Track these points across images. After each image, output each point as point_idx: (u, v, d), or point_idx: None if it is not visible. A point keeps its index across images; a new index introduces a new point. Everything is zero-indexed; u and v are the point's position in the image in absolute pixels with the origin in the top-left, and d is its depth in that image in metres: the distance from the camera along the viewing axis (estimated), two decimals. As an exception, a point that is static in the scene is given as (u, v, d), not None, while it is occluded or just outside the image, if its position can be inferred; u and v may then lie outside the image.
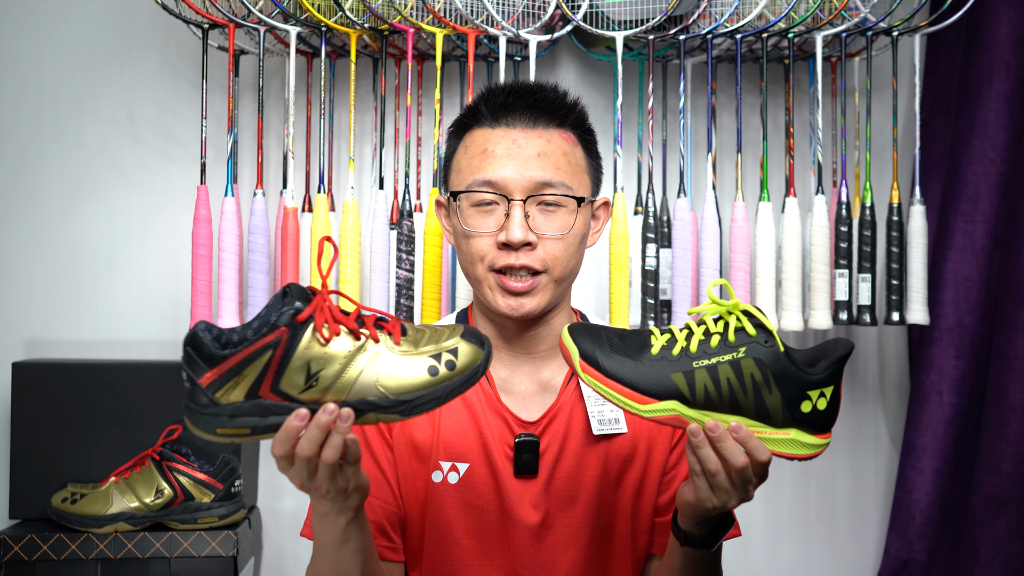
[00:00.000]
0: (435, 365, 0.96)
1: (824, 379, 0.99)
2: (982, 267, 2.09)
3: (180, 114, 2.13)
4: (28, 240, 2.11)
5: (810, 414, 0.99)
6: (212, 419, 0.93)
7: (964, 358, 2.11)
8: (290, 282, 0.96)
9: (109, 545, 1.72)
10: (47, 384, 1.84)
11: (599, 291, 2.17)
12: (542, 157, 1.21)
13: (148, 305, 2.12)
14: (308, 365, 0.93)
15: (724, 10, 1.90)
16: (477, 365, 0.97)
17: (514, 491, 1.23)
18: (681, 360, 0.99)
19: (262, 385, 0.92)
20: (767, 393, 0.98)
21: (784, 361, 0.98)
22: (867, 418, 2.27)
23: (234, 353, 0.92)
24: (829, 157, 2.12)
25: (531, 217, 1.20)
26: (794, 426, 1.00)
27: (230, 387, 0.92)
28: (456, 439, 1.24)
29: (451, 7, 1.88)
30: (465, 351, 0.97)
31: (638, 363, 1.00)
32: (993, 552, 2.02)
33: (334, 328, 0.94)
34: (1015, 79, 2.05)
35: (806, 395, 0.99)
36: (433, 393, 0.96)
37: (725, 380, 0.98)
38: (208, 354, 0.92)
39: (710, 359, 0.99)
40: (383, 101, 1.94)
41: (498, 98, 1.24)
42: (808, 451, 1.00)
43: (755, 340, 0.98)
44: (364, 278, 1.94)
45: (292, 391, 0.93)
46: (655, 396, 0.99)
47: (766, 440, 0.99)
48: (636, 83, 2.15)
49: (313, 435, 0.92)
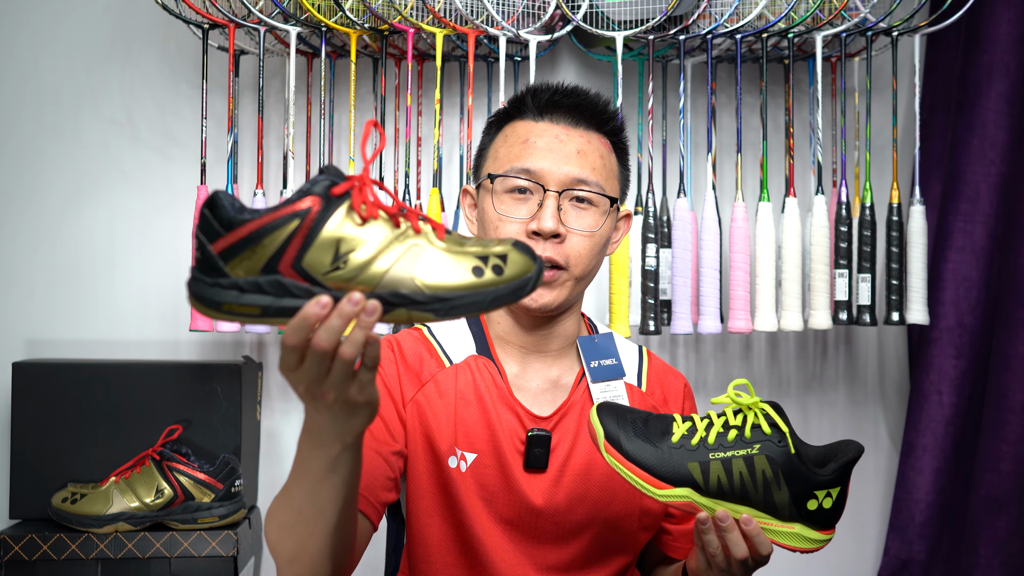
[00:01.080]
0: (480, 266, 0.84)
1: (832, 480, 1.05)
2: (982, 267, 2.10)
3: (180, 114, 2.13)
4: (28, 240, 2.11)
5: (816, 512, 1.05)
6: (220, 292, 0.81)
7: (964, 358, 2.11)
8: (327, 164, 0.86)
9: (109, 545, 1.72)
10: (47, 384, 1.84)
11: (599, 291, 2.17)
12: (581, 155, 1.24)
13: (148, 305, 2.12)
14: (338, 244, 0.81)
15: (724, 10, 1.90)
16: (527, 277, 0.86)
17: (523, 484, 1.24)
18: (699, 450, 1.05)
19: (282, 259, 0.81)
20: (776, 489, 1.04)
21: (795, 462, 1.04)
22: (867, 418, 2.27)
23: (256, 217, 0.80)
24: (829, 157, 2.12)
25: (563, 211, 1.23)
26: (799, 521, 1.06)
27: (245, 256, 0.81)
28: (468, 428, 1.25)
29: (451, 7, 1.88)
30: (515, 259, 0.86)
31: (658, 449, 1.06)
32: (993, 552, 2.02)
33: (372, 210, 0.83)
34: (1015, 79, 2.05)
35: (813, 494, 1.05)
36: (476, 296, 0.84)
37: (738, 474, 1.04)
38: (227, 218, 0.80)
39: (725, 452, 1.05)
40: (383, 101, 1.94)
41: (544, 94, 1.27)
42: (810, 546, 1.07)
43: (769, 439, 1.05)
44: (364, 278, 1.94)
45: (316, 271, 0.81)
46: (671, 483, 1.05)
47: (771, 532, 1.06)
48: (636, 83, 2.15)
49: (334, 325, 0.81)
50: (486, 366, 1.27)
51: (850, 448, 1.06)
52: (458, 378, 1.27)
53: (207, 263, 0.81)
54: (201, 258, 0.81)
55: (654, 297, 1.92)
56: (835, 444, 1.09)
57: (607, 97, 1.30)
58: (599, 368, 1.29)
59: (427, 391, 1.26)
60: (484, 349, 1.29)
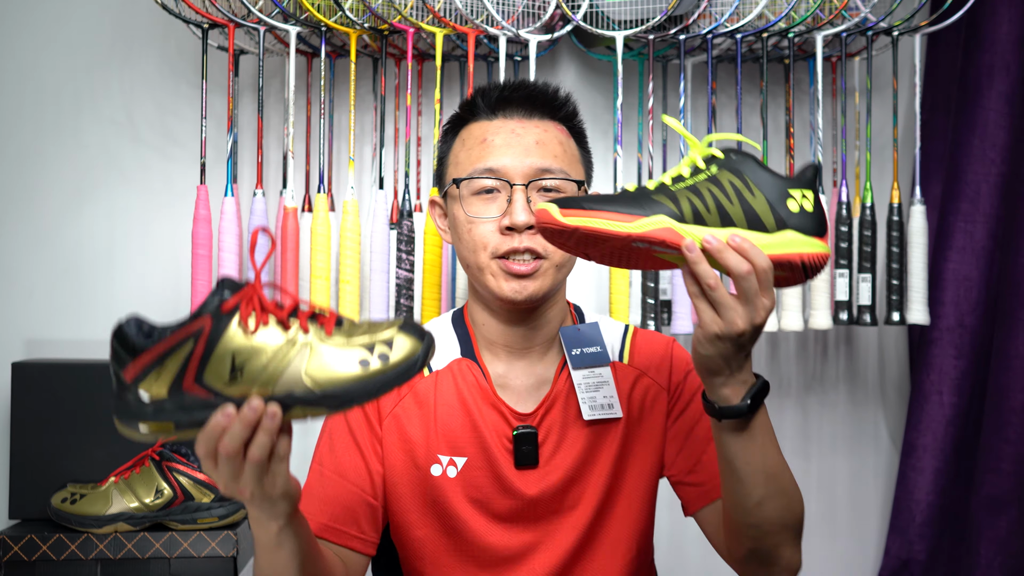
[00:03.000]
0: (367, 358, 0.89)
1: (799, 182, 1.01)
2: (982, 267, 2.09)
3: (180, 114, 2.13)
4: (28, 240, 2.11)
5: (799, 214, 1.00)
6: (136, 414, 0.88)
7: (964, 358, 2.11)
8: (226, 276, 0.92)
9: (109, 545, 1.72)
10: (47, 384, 1.84)
11: (599, 291, 2.17)
12: (540, 145, 1.25)
13: (148, 305, 2.12)
14: (233, 356, 0.88)
15: (724, 10, 1.90)
16: (414, 359, 0.90)
17: (516, 482, 1.25)
18: (661, 190, 1.00)
19: (185, 377, 0.88)
20: (750, 196, 0.99)
21: (757, 165, 1.00)
22: (867, 418, 2.27)
23: (155, 343, 0.87)
24: (829, 157, 2.12)
25: (532, 202, 1.23)
26: (787, 227, 1.00)
27: (152, 379, 0.87)
28: (452, 433, 1.26)
29: (451, 7, 1.88)
30: (402, 343, 0.90)
31: (618, 198, 1.00)
32: (993, 552, 2.01)
33: (261, 318, 0.89)
34: (1015, 79, 2.05)
35: (788, 193, 1.00)
36: (364, 387, 0.89)
37: (707, 191, 0.99)
38: (131, 345, 0.88)
39: (688, 182, 1.00)
40: (383, 101, 1.93)
41: (494, 93, 1.28)
42: (809, 249, 1.00)
43: (724, 159, 1.01)
44: (364, 278, 1.94)
45: (217, 384, 0.88)
46: (642, 213, 0.98)
47: (764, 247, 0.98)
48: (636, 83, 2.15)
49: (236, 431, 0.87)
50: (470, 368, 1.28)
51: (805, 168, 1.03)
52: (439, 385, 1.27)
53: (122, 388, 0.88)
54: (117, 384, 0.89)
55: (654, 297, 1.92)
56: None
57: (556, 85, 1.31)
58: (581, 355, 1.28)
59: (405, 403, 1.27)
60: (469, 351, 1.29)
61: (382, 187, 1.92)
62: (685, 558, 2.15)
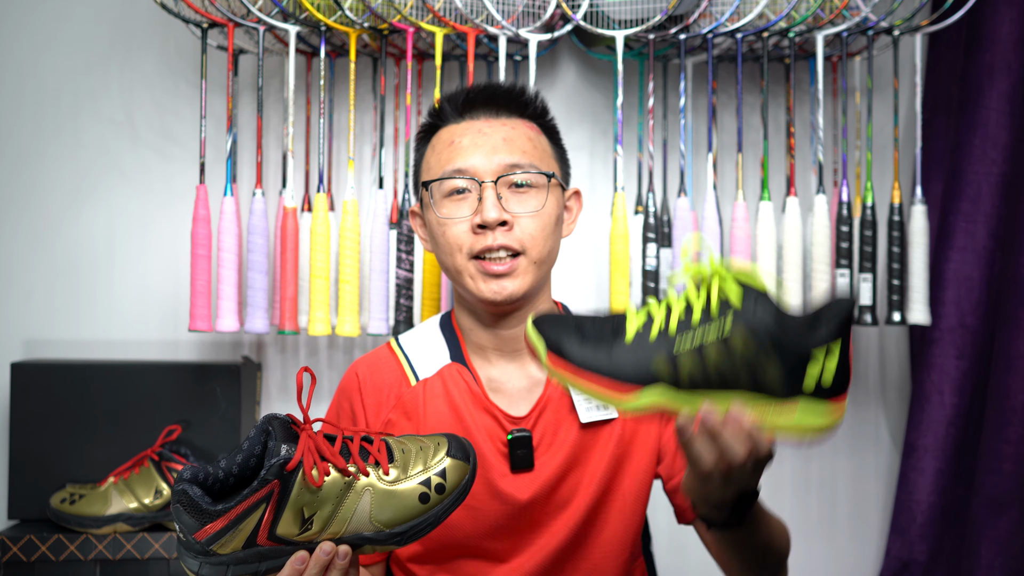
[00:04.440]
0: (426, 492, 0.97)
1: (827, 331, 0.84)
2: (983, 267, 2.09)
3: (179, 114, 2.13)
4: (28, 240, 2.11)
5: (820, 378, 0.84)
6: (212, 568, 0.93)
7: (965, 358, 2.10)
8: (269, 414, 0.97)
9: (108, 546, 1.72)
10: (46, 384, 1.84)
11: (599, 291, 2.17)
12: (508, 142, 1.25)
13: (147, 305, 2.12)
14: (302, 511, 0.93)
15: (725, 9, 1.90)
16: (465, 482, 0.98)
17: (511, 486, 1.24)
18: (659, 343, 0.86)
19: (259, 534, 0.93)
20: (764, 363, 0.84)
21: (780, 325, 0.83)
22: (868, 418, 2.26)
23: (228, 510, 0.92)
24: (830, 156, 2.11)
25: (504, 199, 1.23)
26: (801, 395, 0.84)
27: (227, 539, 0.92)
28: None
29: (451, 6, 1.88)
30: (453, 468, 0.98)
31: (612, 351, 0.87)
32: (994, 553, 2.01)
33: (323, 468, 0.94)
34: (1016, 79, 2.05)
35: (810, 355, 0.83)
36: (427, 519, 0.97)
37: (714, 356, 0.84)
38: (200, 510, 0.92)
39: (693, 340, 0.84)
40: (383, 101, 1.93)
41: (459, 96, 1.29)
42: (820, 422, 0.85)
43: (743, 310, 0.83)
44: (364, 278, 1.94)
45: (289, 535, 0.94)
46: (637, 383, 0.86)
47: (771, 418, 0.86)
48: (636, 82, 2.14)
49: (312, 574, 0.94)
50: (460, 373, 1.27)
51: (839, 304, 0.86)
52: (427, 393, 1.27)
53: (194, 547, 0.93)
54: (186, 540, 0.93)
55: (654, 297, 1.91)
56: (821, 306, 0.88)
57: (523, 85, 1.31)
58: None
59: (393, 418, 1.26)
60: (458, 356, 1.29)
61: (382, 187, 1.91)
62: (686, 559, 2.15)
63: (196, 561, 0.94)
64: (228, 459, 0.96)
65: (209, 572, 0.94)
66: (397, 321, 1.87)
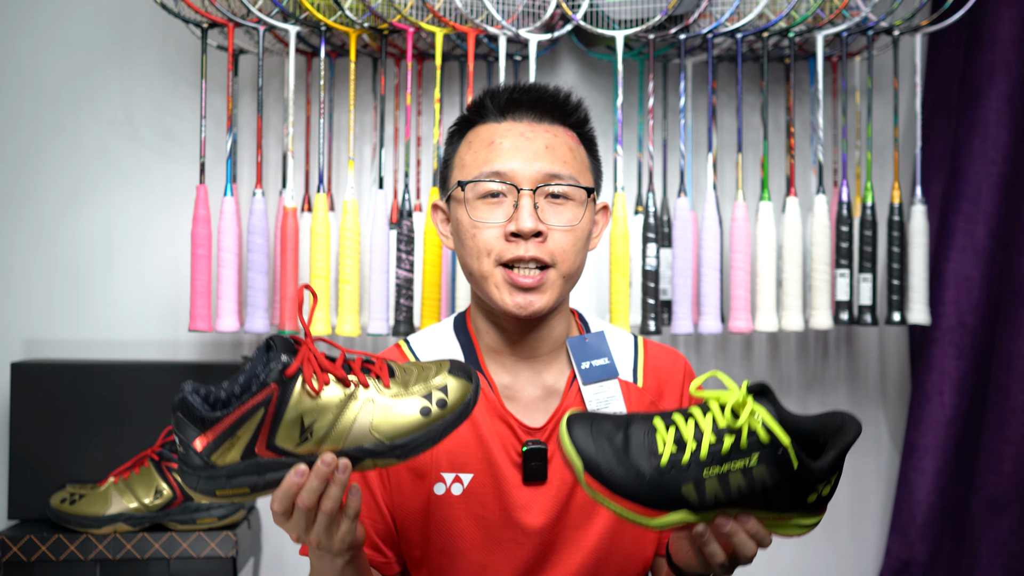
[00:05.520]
0: (427, 405, 0.96)
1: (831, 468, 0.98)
2: (983, 267, 2.09)
3: (179, 114, 2.13)
4: (28, 240, 2.11)
5: (814, 503, 0.99)
6: (210, 481, 0.93)
7: (965, 358, 2.10)
8: (273, 334, 0.96)
9: (108, 546, 1.72)
10: (46, 384, 1.84)
11: (599, 291, 2.17)
12: (550, 150, 1.21)
13: (147, 305, 2.12)
14: (301, 419, 0.93)
15: (725, 9, 1.90)
16: (467, 400, 0.98)
17: (522, 498, 1.21)
18: (691, 469, 0.97)
19: (257, 443, 0.92)
20: (778, 491, 0.97)
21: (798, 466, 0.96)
22: (868, 419, 2.26)
23: (226, 415, 0.91)
24: (830, 157, 2.11)
25: (540, 209, 1.19)
26: (796, 511, 1.00)
27: (225, 448, 0.92)
28: (458, 449, 1.22)
29: (451, 6, 1.88)
30: (455, 387, 0.98)
31: (646, 475, 0.98)
32: (994, 552, 2.01)
33: (323, 378, 0.93)
34: (1016, 78, 2.05)
35: (815, 488, 0.98)
36: (428, 433, 0.96)
37: (736, 487, 0.97)
38: (200, 417, 0.91)
39: (721, 466, 0.96)
40: (383, 101, 1.93)
41: (503, 95, 1.24)
42: (805, 531, 1.02)
43: (768, 446, 0.96)
44: (364, 278, 1.94)
45: (288, 446, 0.93)
46: (664, 509, 0.98)
47: (769, 525, 1.00)
48: (636, 82, 2.14)
49: (312, 486, 0.94)
50: None
51: (847, 430, 0.97)
52: None
53: (193, 458, 0.92)
54: (185, 454, 0.93)
55: (654, 297, 1.91)
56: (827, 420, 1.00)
57: (568, 90, 1.27)
58: (591, 369, 1.25)
59: None
60: (473, 360, 1.26)
61: (382, 187, 1.91)
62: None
63: (195, 476, 0.93)
64: (230, 381, 0.94)
65: (208, 487, 0.93)
66: (397, 321, 1.87)
